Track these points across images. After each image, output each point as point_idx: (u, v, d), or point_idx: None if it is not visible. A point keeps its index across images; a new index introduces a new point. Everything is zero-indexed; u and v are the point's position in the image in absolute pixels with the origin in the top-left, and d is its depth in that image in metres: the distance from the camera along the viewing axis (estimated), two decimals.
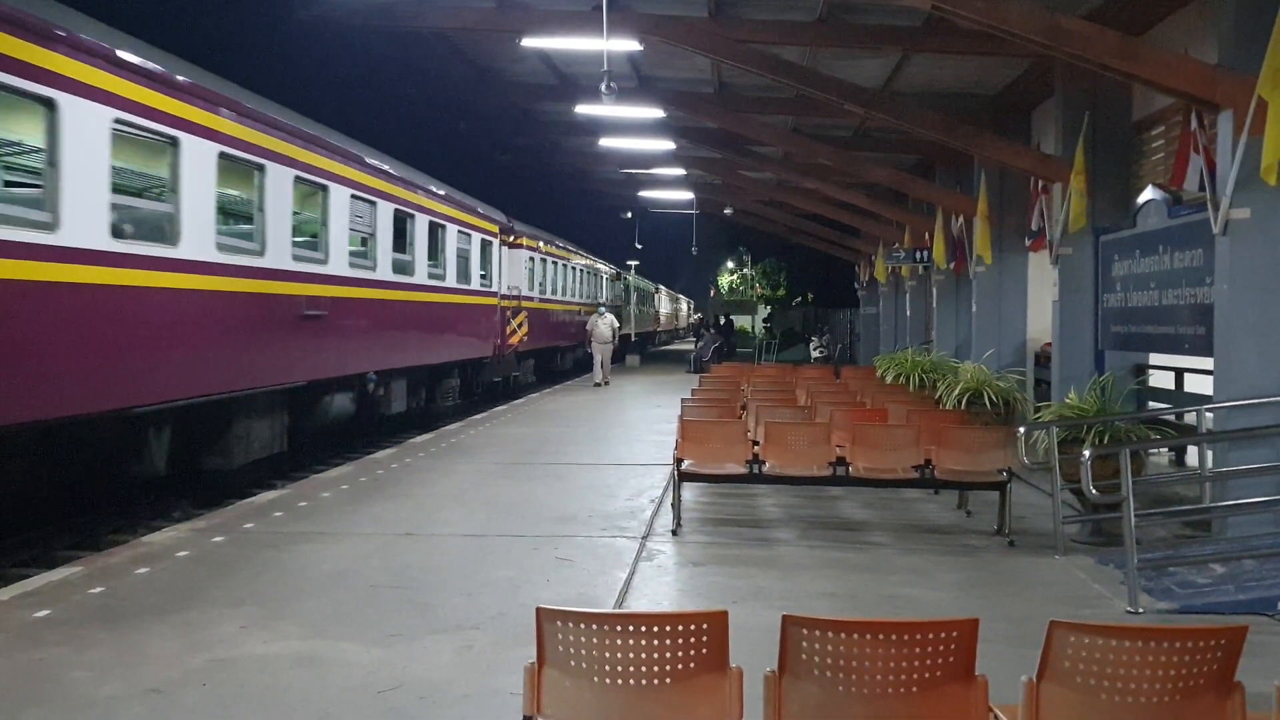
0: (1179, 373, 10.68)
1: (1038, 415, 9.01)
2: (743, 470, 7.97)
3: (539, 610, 3.06)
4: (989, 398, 11.30)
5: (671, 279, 71.90)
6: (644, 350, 40.58)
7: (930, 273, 19.03)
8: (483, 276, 18.92)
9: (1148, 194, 9.46)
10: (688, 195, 29.54)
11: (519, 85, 16.82)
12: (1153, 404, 10.65)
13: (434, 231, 15.92)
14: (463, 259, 17.60)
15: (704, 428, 8.36)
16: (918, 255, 19.26)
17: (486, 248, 19.27)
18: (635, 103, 15.93)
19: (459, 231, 17.33)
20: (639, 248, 42.24)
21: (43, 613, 5.52)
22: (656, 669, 2.97)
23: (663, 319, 58.44)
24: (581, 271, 29.91)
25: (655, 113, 16.74)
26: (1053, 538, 7.45)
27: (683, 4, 11.57)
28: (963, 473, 7.92)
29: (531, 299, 22.61)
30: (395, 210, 14.04)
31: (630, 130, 18.56)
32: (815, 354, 31.33)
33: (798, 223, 30.12)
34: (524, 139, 21.92)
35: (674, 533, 7.74)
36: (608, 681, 2.98)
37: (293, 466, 11.79)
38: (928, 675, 2.94)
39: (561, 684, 3.04)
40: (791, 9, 11.74)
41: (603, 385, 22.76)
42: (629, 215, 38.97)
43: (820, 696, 2.97)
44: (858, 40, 12.27)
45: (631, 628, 2.99)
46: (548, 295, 24.81)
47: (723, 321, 39.89)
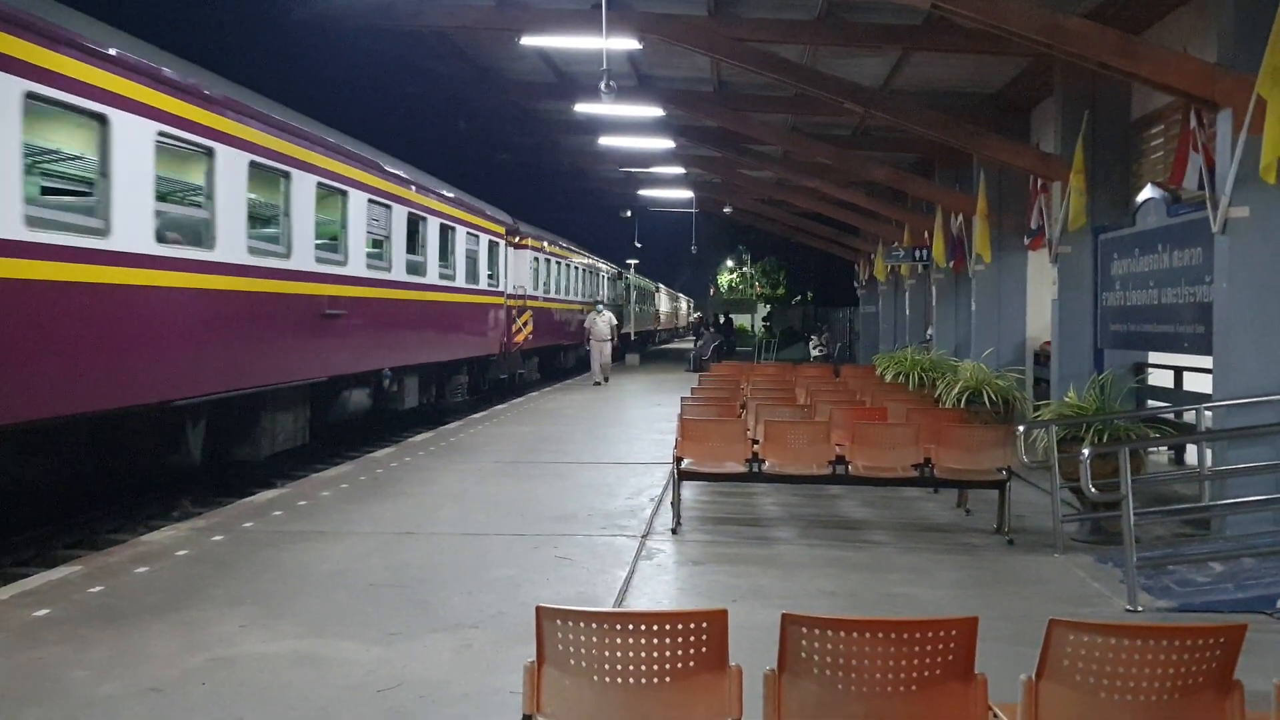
0: (1178, 371, 10.69)
1: (1037, 414, 9.01)
2: (742, 469, 7.97)
3: (539, 609, 3.06)
4: (988, 396, 11.30)
5: (671, 278, 71.98)
6: (643, 349, 40.57)
7: (929, 271, 19.04)
8: (490, 277, 19.33)
9: (1147, 192, 9.46)
10: (687, 194, 29.53)
11: (518, 84, 16.81)
12: (1152, 402, 10.66)
13: (444, 233, 16.39)
14: (471, 260, 18.04)
15: (704, 426, 8.36)
16: (917, 254, 19.26)
17: (494, 248, 19.71)
18: (634, 101, 15.92)
19: (468, 233, 17.81)
20: (638, 246, 42.22)
21: (42, 612, 5.52)
22: (656, 668, 2.98)
23: (662, 318, 58.45)
24: (584, 271, 30.23)
25: (655, 111, 16.73)
26: (1052, 536, 7.45)
27: (682, 2, 11.56)
28: (962, 471, 7.92)
29: (536, 298, 22.97)
30: (409, 213, 14.56)
31: (629, 129, 18.56)
32: (815, 353, 31.34)
33: (797, 221, 30.09)
34: (523, 137, 21.91)
35: (674, 531, 7.75)
36: (607, 680, 2.99)
37: (292, 465, 11.83)
38: (927, 674, 2.95)
39: (561, 683, 3.04)
40: (791, 7, 11.73)
41: (602, 384, 22.76)
42: (628, 214, 38.92)
43: (820, 695, 2.97)
44: (857, 39, 12.27)
45: (631, 626, 2.99)
46: (551, 295, 25.15)
47: (722, 320, 39.93)
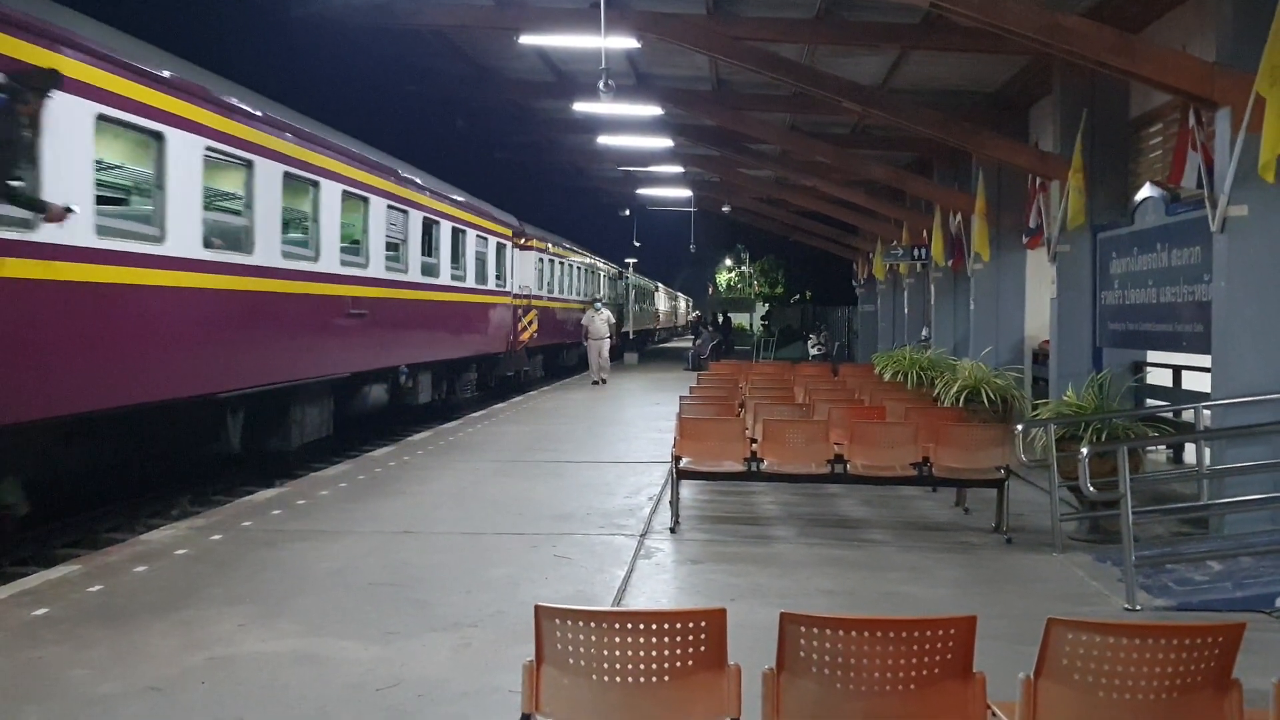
0: (1176, 370, 10.69)
1: (1035, 413, 9.02)
2: (741, 468, 7.97)
3: (537, 608, 3.07)
4: (987, 395, 11.32)
5: (670, 276, 71.90)
6: (642, 348, 40.56)
7: (928, 270, 19.04)
8: (498, 277, 20.09)
9: (1145, 191, 9.46)
10: (686, 193, 29.54)
11: (517, 83, 16.80)
12: (1150, 401, 10.66)
13: (456, 236, 17.12)
14: (480, 261, 18.81)
15: (702, 425, 8.36)
16: (916, 253, 19.26)
17: (501, 250, 20.53)
18: (633, 100, 15.91)
19: (477, 236, 18.54)
20: (637, 245, 42.15)
21: (41, 611, 5.51)
22: (655, 667, 2.98)
23: (661, 317, 58.47)
24: (585, 271, 30.68)
25: (653, 110, 16.73)
26: (1050, 535, 7.46)
27: (681, 1, 11.54)
28: (961, 470, 7.92)
29: (540, 298, 23.66)
30: (424, 218, 15.32)
31: (628, 128, 18.57)
32: (813, 351, 31.31)
33: (796, 220, 30.09)
34: (522, 136, 21.93)
35: (672, 530, 7.75)
36: (606, 679, 2.99)
37: (292, 464, 11.85)
38: (926, 673, 2.95)
39: (560, 682, 3.04)
40: (789, 6, 11.72)
41: (600, 383, 22.75)
42: (627, 213, 38.93)
43: (818, 694, 2.97)
44: (856, 37, 12.27)
45: (630, 625, 2.99)
46: (555, 294, 25.70)
47: (721, 319, 39.92)
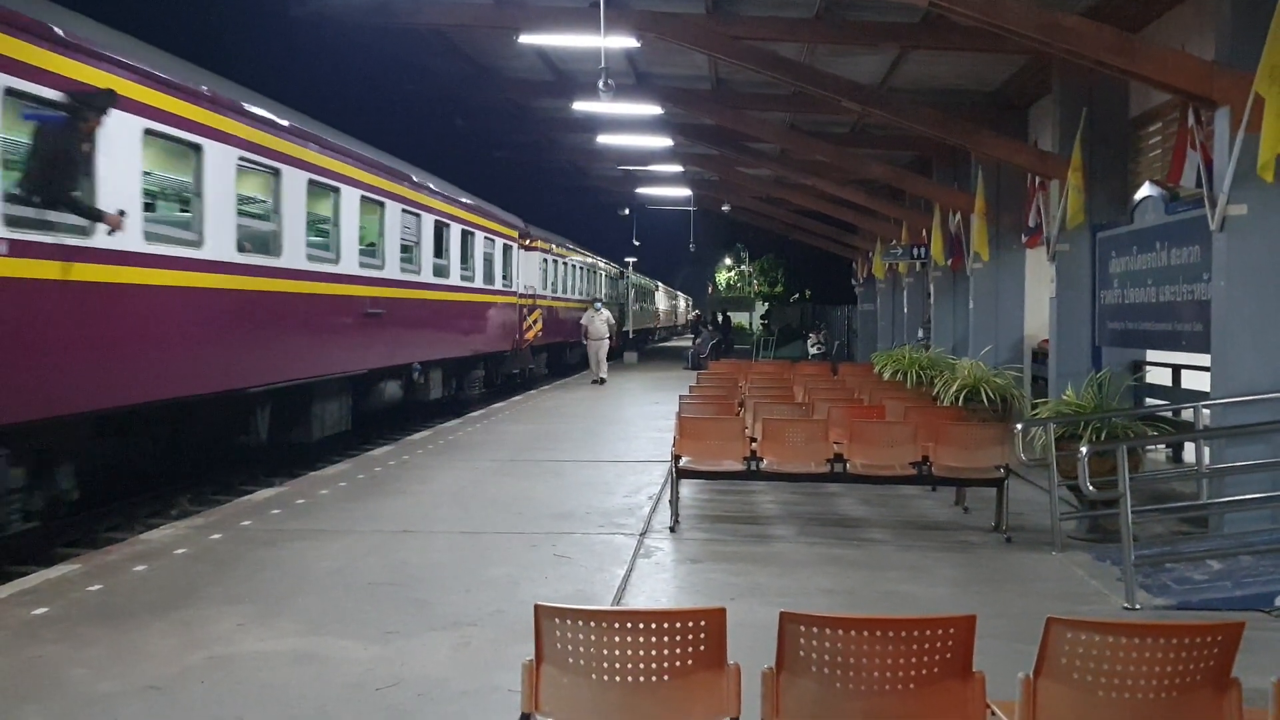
0: (1176, 369, 10.68)
1: (1035, 412, 9.01)
2: (740, 467, 7.98)
3: (537, 607, 3.07)
4: (986, 394, 11.31)
5: (669, 276, 71.87)
6: (642, 347, 40.56)
7: (927, 269, 19.03)
8: (504, 277, 20.66)
9: (1145, 190, 9.46)
10: (685, 192, 29.53)
11: (516, 82, 16.79)
12: (1150, 400, 10.66)
13: (465, 238, 17.75)
14: (488, 262, 19.43)
15: (702, 425, 8.37)
16: (915, 252, 19.26)
17: (508, 251, 21.22)
18: (633, 99, 15.90)
19: (485, 237, 19.16)
20: (637, 244, 42.11)
21: (41, 610, 5.52)
22: (654, 666, 2.98)
23: (661, 316, 58.51)
24: (587, 271, 31.04)
25: (653, 109, 16.72)
26: (1050, 534, 7.46)
27: (680, 1, 11.54)
28: (960, 469, 7.93)
29: (545, 298, 24.16)
30: (435, 221, 15.98)
31: (628, 127, 18.55)
32: (812, 351, 31.31)
33: (795, 219, 30.08)
34: (522, 136, 21.91)
35: (672, 530, 7.75)
36: (606, 678, 2.99)
37: (292, 463, 11.86)
38: (925, 672, 2.95)
39: (559, 681, 3.04)
40: (789, 5, 11.71)
41: (600, 383, 22.74)
42: (627, 212, 38.90)
43: (818, 693, 2.97)
44: (855, 37, 12.25)
45: (629, 625, 2.99)
46: (559, 294, 26.15)
47: (720, 318, 39.90)
